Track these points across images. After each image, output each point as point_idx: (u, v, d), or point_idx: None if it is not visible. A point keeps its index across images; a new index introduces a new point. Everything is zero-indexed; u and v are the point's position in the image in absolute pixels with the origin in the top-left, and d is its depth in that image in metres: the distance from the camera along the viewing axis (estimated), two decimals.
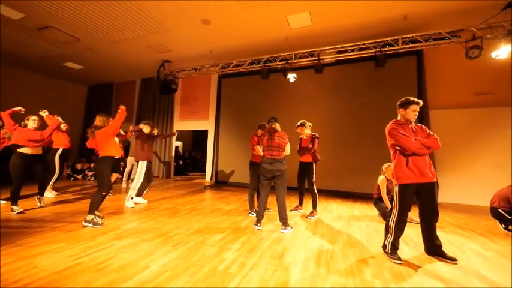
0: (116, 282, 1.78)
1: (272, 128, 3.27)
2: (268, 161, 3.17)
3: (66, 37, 5.89)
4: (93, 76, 9.16)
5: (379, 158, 5.46)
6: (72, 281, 1.77)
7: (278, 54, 6.13)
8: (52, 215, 3.52)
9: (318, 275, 2.00)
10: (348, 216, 4.01)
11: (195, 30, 5.43)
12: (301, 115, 6.10)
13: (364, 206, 4.83)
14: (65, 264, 2.03)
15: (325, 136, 6.00)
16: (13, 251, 2.24)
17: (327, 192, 5.98)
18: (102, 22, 5.22)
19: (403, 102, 2.43)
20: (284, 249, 2.52)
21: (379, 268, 2.15)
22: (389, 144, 2.46)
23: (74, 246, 2.40)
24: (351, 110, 6.14)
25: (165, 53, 6.74)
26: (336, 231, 3.17)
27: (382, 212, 3.78)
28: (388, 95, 5.64)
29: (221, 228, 3.18)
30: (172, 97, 8.58)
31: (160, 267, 2.04)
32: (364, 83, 6.02)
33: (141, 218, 3.56)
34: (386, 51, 5.10)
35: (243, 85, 7.50)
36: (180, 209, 4.18)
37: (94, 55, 7.04)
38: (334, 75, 6.35)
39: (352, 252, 2.50)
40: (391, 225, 2.38)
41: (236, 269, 2.04)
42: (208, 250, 2.44)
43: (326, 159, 5.91)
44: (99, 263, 2.07)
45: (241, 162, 7.19)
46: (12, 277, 1.79)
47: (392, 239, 2.34)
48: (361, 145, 5.94)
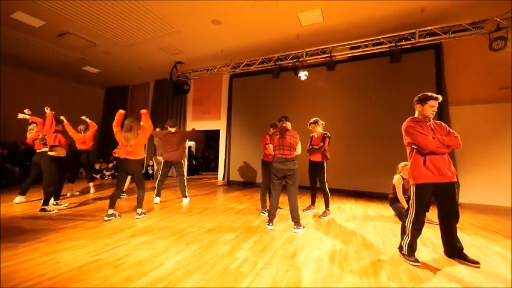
0: (132, 278, 1.84)
1: (283, 127, 3.25)
2: (280, 161, 3.16)
3: (84, 42, 6.15)
4: (109, 79, 9.49)
5: (395, 157, 5.30)
6: (91, 276, 1.86)
7: (289, 53, 6.08)
8: (73, 213, 3.70)
9: (331, 275, 1.97)
10: (362, 216, 3.92)
11: (206, 30, 5.49)
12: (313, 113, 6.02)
13: (379, 206, 4.70)
14: (85, 260, 2.13)
15: (338, 134, 5.90)
16: (38, 247, 2.37)
17: (340, 191, 5.88)
18: (117, 26, 5.40)
19: (420, 98, 2.33)
20: (296, 249, 2.50)
21: (395, 270, 2.09)
22: (405, 143, 2.38)
23: (93, 243, 2.51)
24: (364, 108, 5.98)
25: (177, 54, 6.87)
26: (350, 232, 3.11)
27: (398, 212, 3.66)
28: (404, 91, 5.44)
29: (233, 227, 3.21)
30: (185, 98, 8.73)
31: (174, 264, 2.09)
32: (379, 80, 5.85)
33: (155, 216, 3.66)
34: (402, 46, 4.92)
35: (254, 84, 7.50)
36: (193, 207, 4.26)
37: (110, 59, 7.30)
38: (346, 72, 6.21)
39: (366, 253, 2.44)
40: (407, 226, 2.30)
41: (248, 268, 2.06)
42: (221, 249, 2.47)
43: (339, 158, 5.81)
44: (116, 260, 2.15)
45: (253, 162, 7.21)
46: (37, 271, 1.90)
47: (409, 240, 2.27)
48: (375, 143, 5.78)
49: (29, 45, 6.41)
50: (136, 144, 3.46)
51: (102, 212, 3.72)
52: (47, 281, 1.76)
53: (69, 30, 5.61)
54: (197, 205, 4.45)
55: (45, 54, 6.96)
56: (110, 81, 9.78)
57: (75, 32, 5.66)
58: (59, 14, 4.90)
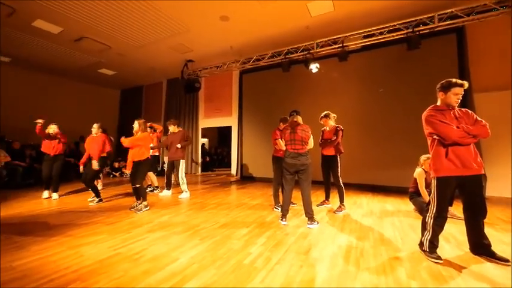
0: (150, 272, 1.90)
1: (294, 122, 3.19)
2: (292, 155, 3.11)
3: (100, 46, 6.36)
4: (124, 80, 9.79)
5: (414, 149, 5.07)
6: (112, 269, 1.93)
7: (299, 45, 5.94)
8: (95, 209, 3.88)
9: (346, 272, 1.92)
10: (380, 211, 3.79)
11: (214, 27, 5.48)
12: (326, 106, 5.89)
13: (397, 200, 4.53)
14: (106, 254, 2.22)
15: (352, 127, 5.73)
16: (64, 241, 2.51)
17: (355, 186, 5.72)
18: (129, 28, 5.52)
19: (443, 85, 2.17)
20: (310, 245, 2.46)
21: (416, 267, 2.00)
22: (426, 133, 2.24)
23: (113, 238, 2.62)
24: (380, 98, 5.74)
25: (188, 53, 6.93)
26: (366, 227, 3.02)
27: (419, 207, 3.51)
28: (422, 79, 5.16)
29: (247, 222, 3.22)
30: (197, 96, 8.83)
31: (188, 259, 2.13)
32: (395, 68, 5.58)
33: (171, 212, 3.75)
34: (420, 31, 4.65)
35: (264, 79, 7.43)
36: (208, 203, 4.32)
37: (124, 60, 7.51)
38: (360, 62, 5.97)
39: (384, 249, 2.36)
40: (428, 221, 2.19)
41: (262, 264, 2.05)
42: (234, 244, 2.48)
43: (354, 151, 5.65)
44: (135, 254, 2.23)
45: (266, 157, 7.17)
46: (63, 264, 2.01)
47: (430, 236, 2.15)
48: (392, 135, 5.55)
49: (48, 51, 6.72)
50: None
51: (120, 209, 3.88)
52: (72, 274, 1.86)
53: (86, 35, 5.82)
54: (211, 201, 4.51)
55: (64, 58, 7.28)
56: (125, 82, 10.08)
57: (91, 36, 5.86)
58: (75, 20, 5.08)
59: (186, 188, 4.86)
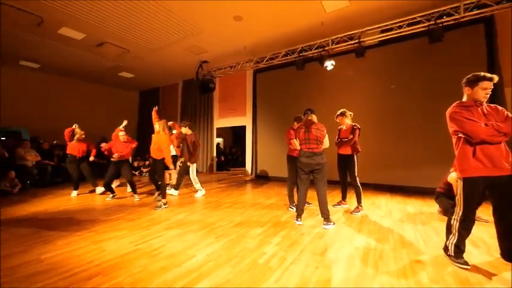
0: (167, 268, 1.95)
1: (309, 120, 3.14)
2: (306, 155, 3.06)
3: (119, 50, 6.62)
4: (142, 82, 10.13)
5: (436, 147, 4.83)
6: (132, 264, 2.01)
7: (313, 42, 5.83)
8: (116, 206, 4.05)
9: (364, 274, 1.86)
10: (400, 212, 3.63)
11: (228, 28, 5.51)
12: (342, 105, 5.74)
13: (419, 201, 4.32)
14: (127, 249, 2.31)
15: (370, 125, 5.55)
16: (87, 236, 2.64)
17: (373, 186, 5.53)
18: (146, 32, 5.69)
19: (469, 80, 2.03)
20: (326, 246, 2.41)
21: (440, 273, 1.89)
22: (450, 131, 2.11)
23: (133, 234, 2.72)
24: (400, 95, 5.50)
25: (202, 54, 7.03)
26: (386, 229, 2.90)
27: (444, 208, 3.33)
28: (446, 74, 4.88)
29: (261, 221, 3.22)
30: (211, 96, 8.94)
31: (204, 257, 2.16)
32: (416, 63, 5.31)
33: (187, 210, 3.83)
34: (443, 23, 4.39)
35: (278, 78, 7.37)
36: (223, 202, 4.37)
37: (142, 63, 7.76)
38: (378, 58, 5.75)
39: (405, 252, 2.26)
40: (453, 224, 2.06)
41: (276, 263, 2.04)
42: (249, 243, 2.49)
43: (372, 150, 5.47)
44: (153, 250, 2.30)
45: (280, 157, 7.12)
46: (86, 258, 2.12)
47: (456, 240, 2.03)
48: (413, 133, 5.30)
49: (73, 56, 7.10)
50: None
51: (140, 206, 4.02)
52: (95, 267, 1.95)
53: (106, 40, 6.08)
54: (226, 200, 4.56)
55: (87, 63, 7.66)
56: (143, 84, 10.44)
57: (111, 41, 6.12)
58: (97, 26, 5.33)
59: (200, 186, 4.94)
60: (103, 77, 9.08)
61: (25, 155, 5.75)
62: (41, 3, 4.49)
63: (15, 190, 4.98)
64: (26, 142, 6.07)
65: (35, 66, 7.85)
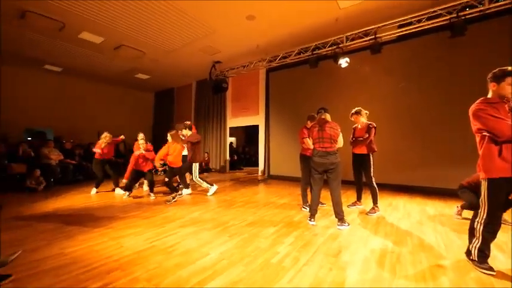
0: (181, 265, 1.99)
1: (322, 119, 3.09)
2: (320, 154, 3.01)
3: (136, 52, 6.83)
4: (157, 83, 10.39)
5: (458, 147, 4.61)
6: (147, 261, 2.08)
7: (327, 40, 5.72)
8: (133, 204, 4.19)
9: (380, 278, 1.81)
10: (419, 214, 3.50)
11: (240, 27, 5.53)
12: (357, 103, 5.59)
13: (439, 203, 4.14)
14: (143, 246, 2.39)
15: (387, 123, 5.39)
16: (106, 232, 2.76)
17: (390, 186, 5.35)
18: (160, 34, 5.84)
19: (495, 75, 1.92)
20: (340, 247, 2.37)
21: (462, 278, 1.81)
22: (474, 129, 2.01)
23: (149, 231, 2.81)
24: (419, 92, 5.28)
25: (215, 54, 7.10)
26: (403, 232, 2.81)
27: (468, 202, 3.09)
28: (468, 69, 4.63)
29: (274, 221, 3.21)
30: (224, 96, 9.02)
31: (218, 255, 2.19)
32: (436, 58, 5.07)
33: (201, 208, 3.90)
34: (466, 16, 4.17)
35: (291, 77, 7.31)
36: (236, 201, 4.40)
37: (157, 65, 7.97)
38: (395, 54, 5.55)
39: (424, 256, 2.17)
40: (477, 228, 1.96)
41: (289, 263, 2.03)
42: (262, 242, 2.49)
43: (388, 149, 5.30)
44: (168, 247, 2.36)
45: (293, 156, 7.05)
46: (105, 253, 2.21)
47: (480, 244, 1.93)
48: (433, 132, 5.07)
49: (92, 60, 7.42)
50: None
51: (155, 204, 4.14)
52: (113, 262, 2.03)
53: (123, 43, 6.29)
54: (239, 199, 4.59)
55: (105, 66, 7.97)
56: (158, 85, 10.71)
57: (128, 43, 6.33)
58: (114, 29, 5.53)
59: (208, 184, 5.00)
60: (120, 78, 9.41)
61: (49, 154, 6.09)
62: (63, 9, 4.71)
63: (40, 188, 5.28)
64: (50, 142, 6.43)
65: (57, 70, 8.27)
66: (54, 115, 8.63)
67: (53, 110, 8.66)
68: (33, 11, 4.74)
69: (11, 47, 6.41)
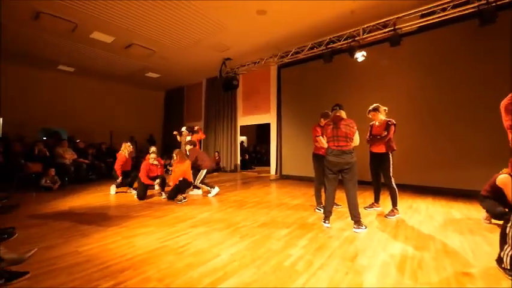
0: (193, 266, 2.03)
1: (337, 116, 3.03)
2: (334, 153, 2.96)
3: (146, 51, 7.01)
4: (168, 82, 10.62)
5: (487, 145, 4.40)
6: (159, 260, 2.13)
7: (342, 33, 5.61)
8: (144, 203, 4.32)
9: (400, 284, 1.76)
10: (443, 218, 3.37)
11: (251, 23, 5.53)
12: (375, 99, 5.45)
13: (466, 206, 3.97)
14: (155, 245, 2.46)
15: (408, 120, 5.23)
16: (119, 231, 2.85)
17: (411, 188, 5.18)
18: (171, 32, 5.95)
19: None
20: (357, 251, 2.33)
21: None
22: (505, 125, 1.91)
23: (160, 231, 2.88)
24: (442, 87, 5.06)
25: (225, 51, 7.15)
26: (426, 236, 2.71)
27: (491, 210, 3.00)
28: (499, 61, 4.39)
29: (287, 223, 3.20)
30: (235, 93, 9.07)
31: (229, 256, 2.22)
32: (463, 50, 4.84)
33: (212, 208, 3.95)
34: (496, 2, 3.95)
35: (304, 73, 7.24)
36: (247, 201, 4.43)
37: (167, 63, 8.14)
38: (416, 46, 5.35)
39: (448, 262, 2.09)
40: (509, 233, 1.86)
41: (303, 267, 2.02)
42: (274, 244, 2.49)
43: (410, 148, 5.14)
44: (179, 247, 2.41)
45: (306, 155, 6.95)
46: (119, 252, 2.29)
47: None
48: (459, 129, 4.86)
49: (103, 59, 7.68)
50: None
51: (166, 204, 4.24)
52: (126, 261, 2.11)
53: (134, 42, 6.47)
54: (250, 199, 4.61)
55: (116, 65, 8.24)
56: (168, 83, 10.94)
57: (139, 42, 6.50)
58: (125, 28, 5.70)
59: (207, 187, 5.06)
60: (131, 77, 9.68)
61: (63, 153, 6.38)
62: (75, 9, 4.91)
63: (55, 186, 5.54)
64: (64, 142, 6.73)
65: (70, 70, 8.64)
66: (67, 115, 9.03)
67: (66, 110, 9.06)
68: (46, 12, 4.96)
69: (26, 48, 6.75)
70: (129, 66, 8.35)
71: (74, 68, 8.50)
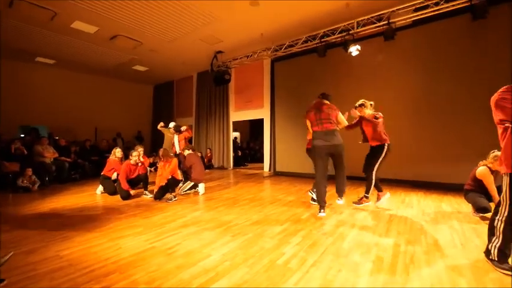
0: (183, 267, 2.02)
1: (319, 101, 3.11)
2: (321, 136, 3.00)
3: (133, 43, 6.83)
4: (157, 76, 10.41)
5: (477, 140, 4.53)
6: (147, 263, 2.10)
7: (337, 26, 5.62)
8: (131, 203, 4.25)
9: (392, 280, 1.80)
10: (434, 212, 3.47)
11: (244, 14, 5.46)
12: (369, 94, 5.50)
13: (456, 200, 4.09)
14: (142, 247, 2.42)
15: (401, 115, 5.34)
16: (104, 233, 2.80)
17: (404, 182, 5.30)
18: (159, 23, 5.81)
19: None
20: (351, 247, 2.37)
21: (480, 279, 1.79)
22: (496, 120, 1.96)
23: (149, 231, 2.84)
24: (436, 81, 5.16)
25: (217, 44, 7.06)
26: (417, 230, 2.79)
27: (476, 204, 3.16)
28: (491, 55, 4.51)
29: (280, 220, 3.22)
30: (227, 88, 8.99)
31: (220, 256, 2.21)
32: (456, 44, 4.94)
33: (203, 207, 3.94)
34: None
35: (298, 67, 7.23)
36: (240, 199, 4.43)
37: (156, 56, 7.96)
38: (410, 41, 5.42)
39: (439, 256, 2.15)
40: (497, 226, 1.93)
41: (296, 265, 2.03)
42: (267, 242, 2.50)
43: (404, 143, 5.23)
44: (169, 248, 2.39)
45: (300, 151, 7.01)
46: (103, 255, 2.25)
47: (500, 243, 1.90)
48: (451, 124, 4.98)
49: (86, 51, 7.44)
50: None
51: (155, 204, 4.19)
52: (112, 265, 2.07)
53: (120, 33, 6.29)
54: (243, 197, 4.61)
55: (100, 57, 8.00)
56: (157, 78, 10.74)
57: (125, 33, 6.32)
58: (109, 18, 5.52)
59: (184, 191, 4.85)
60: (117, 71, 9.44)
61: (43, 151, 6.16)
62: None
63: (34, 187, 5.35)
64: (44, 139, 6.47)
65: (50, 62, 8.33)
66: (48, 111, 8.73)
67: (47, 106, 8.75)
68: None
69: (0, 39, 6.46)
70: (115, 58, 8.13)
71: (54, 60, 8.21)
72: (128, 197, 4.48)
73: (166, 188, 4.43)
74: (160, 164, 4.72)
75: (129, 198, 4.49)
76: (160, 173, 4.60)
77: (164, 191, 4.42)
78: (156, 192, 4.45)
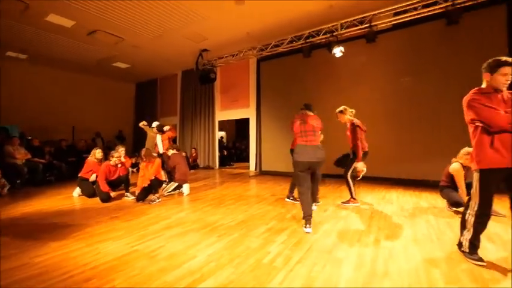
0: (166, 270, 1.98)
1: (305, 113, 3.13)
2: (304, 151, 2.91)
3: (113, 38, 6.58)
4: (139, 73, 10.11)
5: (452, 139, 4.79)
6: (129, 267, 2.04)
7: (321, 27, 5.73)
8: (112, 205, 4.10)
9: (373, 274, 1.88)
10: (413, 208, 3.64)
11: (229, 12, 5.43)
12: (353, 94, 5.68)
13: (433, 196, 4.32)
14: (124, 251, 2.35)
15: (382, 116, 5.53)
16: (83, 238, 2.69)
17: (384, 180, 5.53)
18: (142, 19, 5.65)
19: (490, 65, 2.00)
20: (334, 243, 2.44)
21: (454, 270, 1.91)
22: (467, 120, 2.09)
23: (130, 235, 2.76)
24: (415, 83, 5.42)
25: (203, 42, 6.97)
26: (396, 225, 2.92)
27: (450, 200, 3.41)
28: (465, 59, 4.78)
29: (266, 219, 3.25)
30: (212, 87, 8.90)
31: (206, 257, 2.20)
32: (432, 48, 5.20)
33: (188, 208, 3.88)
34: (461, 4, 4.28)
35: (284, 66, 7.30)
36: (225, 199, 4.41)
37: (139, 52, 7.72)
38: (391, 43, 5.64)
39: (417, 250, 2.27)
40: (468, 219, 2.06)
41: (281, 263, 2.06)
42: (253, 242, 2.52)
43: (384, 142, 5.44)
44: (151, 251, 2.33)
45: (286, 151, 7.09)
46: (81, 260, 2.15)
47: (471, 236, 2.04)
48: (427, 125, 5.25)
49: (63, 46, 7.09)
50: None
51: (138, 206, 4.08)
52: (90, 271, 1.98)
53: (99, 28, 6.04)
54: (229, 197, 4.59)
55: (78, 53, 7.65)
56: (140, 75, 10.43)
57: (104, 29, 6.08)
58: (87, 12, 5.29)
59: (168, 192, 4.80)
60: (97, 67, 9.06)
61: (14, 152, 5.79)
62: None
63: (3, 191, 5.01)
64: (15, 139, 6.06)
65: (22, 57, 7.85)
66: (20, 109, 8.22)
67: (18, 103, 8.24)
68: None
69: None
70: (95, 54, 7.80)
71: (26, 55, 7.74)
72: (108, 200, 4.30)
73: (149, 189, 4.30)
74: (143, 164, 4.59)
75: (109, 201, 4.31)
76: (142, 174, 4.47)
77: (147, 192, 4.30)
78: (139, 193, 4.32)
